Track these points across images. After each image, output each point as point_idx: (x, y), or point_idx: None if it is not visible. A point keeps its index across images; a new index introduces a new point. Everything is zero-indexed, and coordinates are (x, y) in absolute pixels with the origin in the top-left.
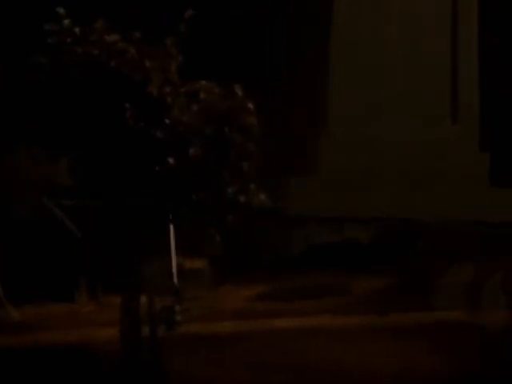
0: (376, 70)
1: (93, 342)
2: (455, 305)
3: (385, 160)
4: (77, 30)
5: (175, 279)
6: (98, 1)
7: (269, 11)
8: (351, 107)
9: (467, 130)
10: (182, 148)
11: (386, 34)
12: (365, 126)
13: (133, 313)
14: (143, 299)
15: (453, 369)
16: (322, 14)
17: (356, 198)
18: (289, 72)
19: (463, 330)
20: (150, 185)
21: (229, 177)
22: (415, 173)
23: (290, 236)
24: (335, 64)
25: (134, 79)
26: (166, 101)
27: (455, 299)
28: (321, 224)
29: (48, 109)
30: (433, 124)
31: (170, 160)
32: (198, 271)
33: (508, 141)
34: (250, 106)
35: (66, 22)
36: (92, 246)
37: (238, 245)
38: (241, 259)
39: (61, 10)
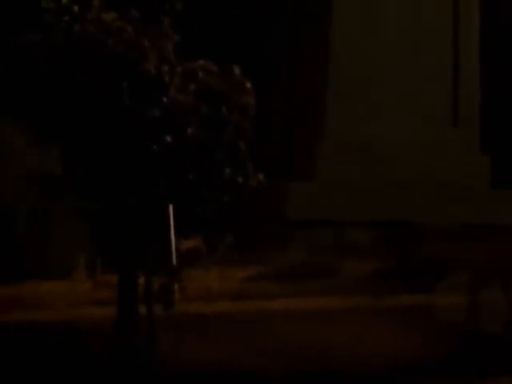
0: (376, 70)
1: (88, 319)
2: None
3: (385, 162)
4: (75, 7)
5: (173, 259)
6: None
7: (268, 11)
8: (351, 108)
9: (468, 132)
10: (179, 127)
11: (385, 34)
12: (364, 127)
13: (130, 291)
14: (141, 278)
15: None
16: (322, 14)
17: (355, 200)
18: (288, 71)
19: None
20: (147, 164)
21: (226, 156)
22: (415, 175)
23: (290, 238)
24: (335, 64)
25: (130, 58)
26: (163, 80)
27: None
28: (320, 227)
29: (42, 88)
30: (433, 126)
31: (168, 139)
32: (194, 252)
33: (509, 142)
34: (248, 85)
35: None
36: (92, 225)
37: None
38: (237, 239)
39: None
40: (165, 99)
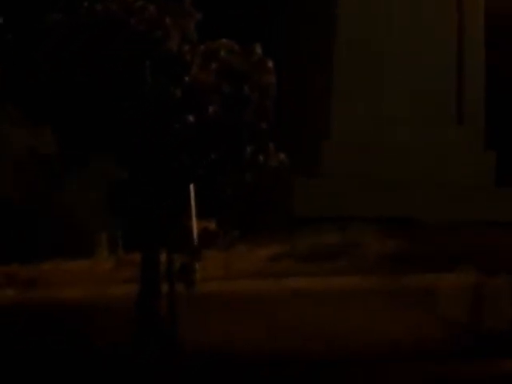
0: (379, 68)
1: (110, 298)
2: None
3: (389, 160)
4: None
5: (195, 238)
6: None
7: (268, 10)
8: (354, 107)
9: (473, 129)
10: (201, 106)
11: (388, 33)
12: (368, 126)
13: (152, 270)
14: (163, 257)
15: None
16: (323, 14)
17: (360, 197)
18: (289, 71)
19: None
20: (169, 143)
21: (247, 135)
22: (420, 173)
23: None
24: (337, 64)
25: (153, 37)
26: (185, 59)
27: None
28: (325, 223)
29: (66, 66)
30: (438, 124)
31: (190, 118)
32: (209, 233)
33: None
34: (269, 64)
35: None
36: (115, 203)
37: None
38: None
39: None
40: (186, 78)
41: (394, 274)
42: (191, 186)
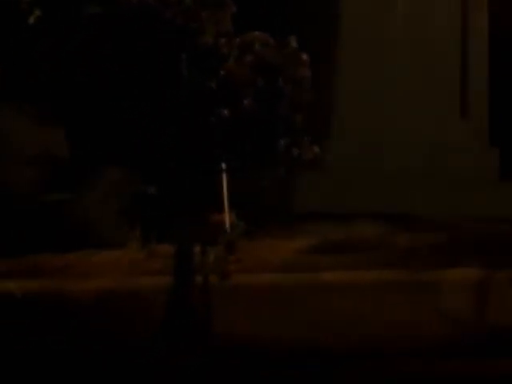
0: (382, 64)
1: (140, 289)
2: None
3: (392, 154)
4: None
5: (228, 230)
6: None
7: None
8: (358, 103)
9: (477, 124)
10: (236, 99)
11: (392, 29)
12: (372, 121)
13: (186, 261)
14: (196, 249)
15: None
16: (328, 13)
17: (364, 193)
18: None
19: None
20: (204, 136)
21: (281, 129)
22: (423, 168)
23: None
24: (341, 60)
25: (189, 30)
26: (221, 52)
27: None
28: (329, 219)
29: (104, 57)
30: (441, 118)
31: (224, 111)
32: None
33: None
34: (304, 57)
35: None
36: (150, 196)
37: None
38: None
39: None
40: (222, 72)
41: (426, 266)
42: (224, 179)
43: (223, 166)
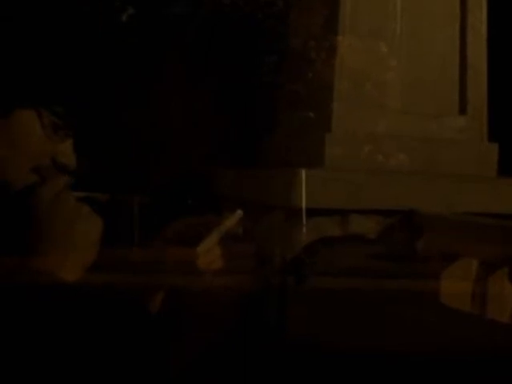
0: (380, 60)
1: (215, 288)
2: None
3: (391, 150)
4: None
5: (304, 231)
6: None
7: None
8: (355, 98)
9: (475, 120)
10: None
11: (390, 24)
12: (369, 117)
13: (267, 262)
14: (276, 250)
15: None
16: (327, 10)
17: (361, 189)
18: (292, 64)
19: None
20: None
21: None
22: (422, 163)
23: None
24: (337, 56)
25: (279, 32)
26: (309, 55)
27: None
28: (326, 216)
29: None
30: (440, 114)
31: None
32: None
33: None
34: (393, 63)
35: None
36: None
37: None
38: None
39: None
40: (310, 75)
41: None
42: None
43: None
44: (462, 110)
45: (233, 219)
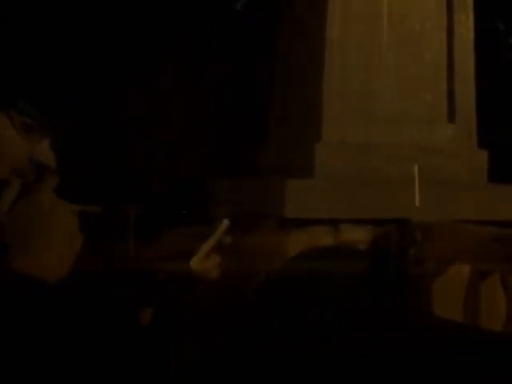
0: (370, 68)
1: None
2: None
3: (381, 159)
4: None
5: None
6: None
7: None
8: (346, 108)
9: (464, 127)
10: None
11: (377, 32)
12: (359, 126)
13: (383, 247)
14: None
15: None
16: (317, 15)
17: (353, 198)
18: (282, 72)
19: None
20: None
21: None
22: (412, 171)
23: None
24: (328, 65)
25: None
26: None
27: None
28: (317, 225)
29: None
30: (430, 122)
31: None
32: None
33: (506, 136)
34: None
35: None
36: None
37: None
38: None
39: None
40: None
41: None
42: None
43: None
44: (451, 118)
45: (220, 229)
